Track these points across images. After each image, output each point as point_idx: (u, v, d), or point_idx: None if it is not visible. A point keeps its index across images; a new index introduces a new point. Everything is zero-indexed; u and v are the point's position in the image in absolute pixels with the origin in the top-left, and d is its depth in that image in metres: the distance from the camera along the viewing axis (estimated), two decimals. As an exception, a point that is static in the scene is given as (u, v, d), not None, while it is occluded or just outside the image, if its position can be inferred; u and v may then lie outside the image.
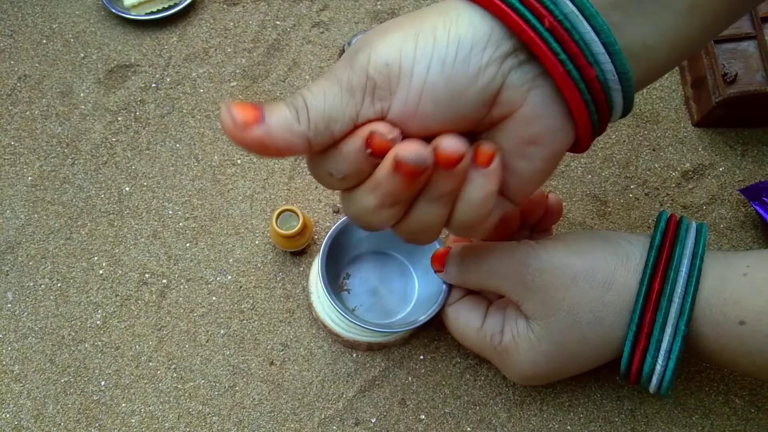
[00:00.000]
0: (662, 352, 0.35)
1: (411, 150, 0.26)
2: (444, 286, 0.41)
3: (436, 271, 0.41)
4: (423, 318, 0.41)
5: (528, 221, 0.42)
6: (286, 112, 0.26)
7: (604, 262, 0.36)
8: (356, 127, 0.27)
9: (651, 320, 0.35)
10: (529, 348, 0.37)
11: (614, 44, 0.26)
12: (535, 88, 0.27)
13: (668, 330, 0.34)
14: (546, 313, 0.36)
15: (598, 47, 0.26)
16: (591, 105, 0.28)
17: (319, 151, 0.28)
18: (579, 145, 0.30)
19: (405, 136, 0.27)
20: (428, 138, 0.27)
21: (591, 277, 0.35)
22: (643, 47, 0.28)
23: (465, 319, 0.40)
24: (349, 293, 0.45)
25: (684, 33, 0.29)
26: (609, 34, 0.26)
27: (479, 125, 0.28)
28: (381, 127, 0.27)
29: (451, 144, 0.27)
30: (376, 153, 0.27)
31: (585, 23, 0.26)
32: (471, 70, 0.26)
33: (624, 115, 0.30)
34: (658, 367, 0.35)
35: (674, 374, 0.35)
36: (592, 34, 0.26)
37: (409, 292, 0.45)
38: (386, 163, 0.27)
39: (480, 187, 0.28)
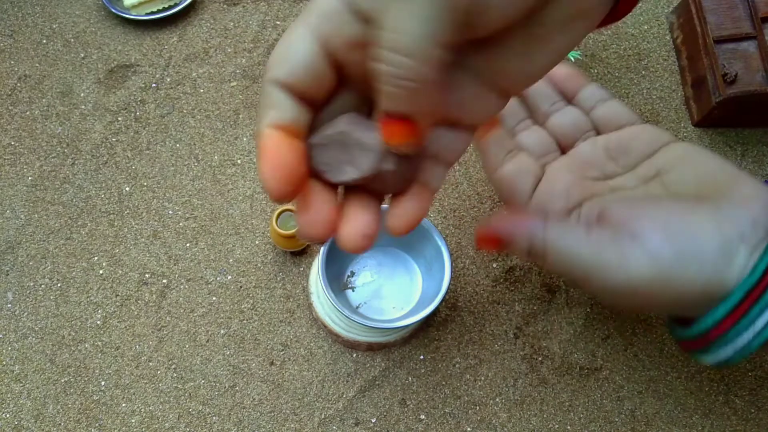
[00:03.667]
0: (761, 323, 0.32)
1: None
2: (443, 286, 0.41)
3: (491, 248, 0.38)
4: (421, 318, 0.41)
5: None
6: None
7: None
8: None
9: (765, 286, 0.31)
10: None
11: None
12: None
13: None
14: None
15: None
16: None
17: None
18: (618, 10, 0.28)
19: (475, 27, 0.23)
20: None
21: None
22: None
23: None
24: (353, 291, 0.45)
25: None
26: None
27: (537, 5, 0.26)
28: None
29: None
30: None
31: None
32: None
33: None
34: (746, 336, 0.32)
35: (749, 352, 0.32)
36: None
37: (414, 288, 0.45)
38: None
39: None
